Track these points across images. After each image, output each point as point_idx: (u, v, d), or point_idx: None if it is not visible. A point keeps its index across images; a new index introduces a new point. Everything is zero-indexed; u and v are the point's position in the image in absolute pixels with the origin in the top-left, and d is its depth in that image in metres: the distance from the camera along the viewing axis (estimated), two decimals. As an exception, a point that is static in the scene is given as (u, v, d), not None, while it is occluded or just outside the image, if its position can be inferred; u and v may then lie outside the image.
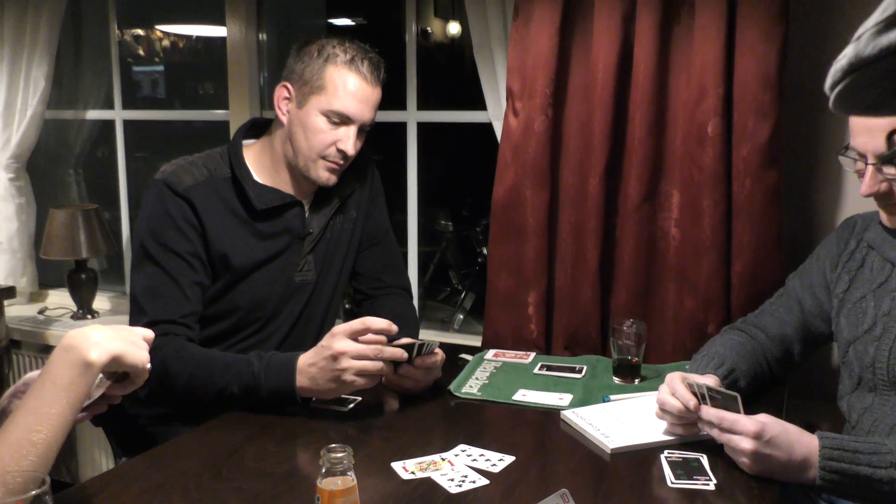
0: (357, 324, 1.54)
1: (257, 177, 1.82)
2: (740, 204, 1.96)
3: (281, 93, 1.80)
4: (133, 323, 1.68)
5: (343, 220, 1.95)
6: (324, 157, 1.77)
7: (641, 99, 2.01)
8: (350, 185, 1.94)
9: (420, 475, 1.34)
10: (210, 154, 1.83)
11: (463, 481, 1.31)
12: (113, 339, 1.12)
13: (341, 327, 1.56)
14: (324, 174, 1.79)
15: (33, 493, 0.90)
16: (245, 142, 1.87)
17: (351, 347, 1.53)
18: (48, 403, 1.06)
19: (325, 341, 1.56)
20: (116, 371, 1.19)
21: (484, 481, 1.31)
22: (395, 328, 1.57)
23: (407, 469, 1.35)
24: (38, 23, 3.04)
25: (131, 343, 1.15)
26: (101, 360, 1.09)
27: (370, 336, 1.55)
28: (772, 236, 1.97)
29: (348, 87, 1.73)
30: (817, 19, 2.02)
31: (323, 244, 1.91)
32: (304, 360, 1.57)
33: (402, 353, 1.59)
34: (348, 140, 1.75)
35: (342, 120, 1.75)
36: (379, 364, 1.54)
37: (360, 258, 2.03)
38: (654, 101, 2.01)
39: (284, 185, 1.84)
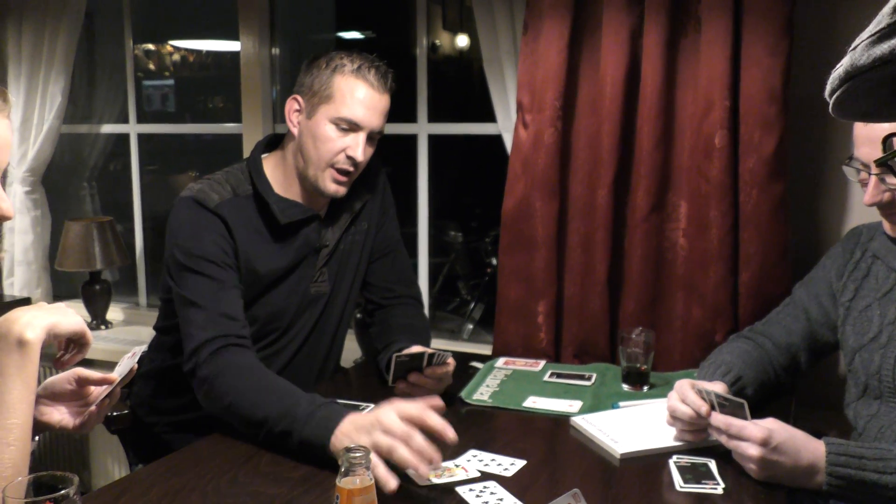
0: (416, 412, 1.38)
1: (276, 190, 1.84)
2: (747, 214, 1.99)
3: (291, 105, 1.83)
4: (191, 322, 1.66)
5: (356, 231, 1.97)
6: (333, 166, 1.79)
7: (649, 112, 2.04)
8: (362, 197, 1.96)
9: (436, 481, 1.36)
10: (230, 171, 1.85)
11: (483, 492, 1.31)
12: (43, 315, 1.14)
13: (398, 407, 1.40)
14: (332, 185, 1.80)
15: (62, 491, 0.93)
16: (263, 155, 1.89)
17: (389, 416, 1.38)
18: (6, 391, 1.09)
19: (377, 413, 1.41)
20: (61, 341, 1.23)
21: (512, 500, 1.29)
22: (450, 434, 1.36)
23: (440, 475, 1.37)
24: (56, 40, 3.10)
25: (61, 314, 1.17)
26: (38, 337, 1.11)
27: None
28: (778, 246, 1.99)
29: (356, 94, 1.76)
30: (821, 33, 2.05)
31: (336, 256, 1.93)
32: (348, 419, 1.43)
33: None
34: (357, 147, 1.77)
35: (350, 127, 1.77)
36: (405, 455, 1.33)
37: (371, 269, 2.05)
38: (661, 113, 2.04)
39: (299, 197, 1.86)
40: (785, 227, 2.00)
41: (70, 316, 1.18)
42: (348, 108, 1.76)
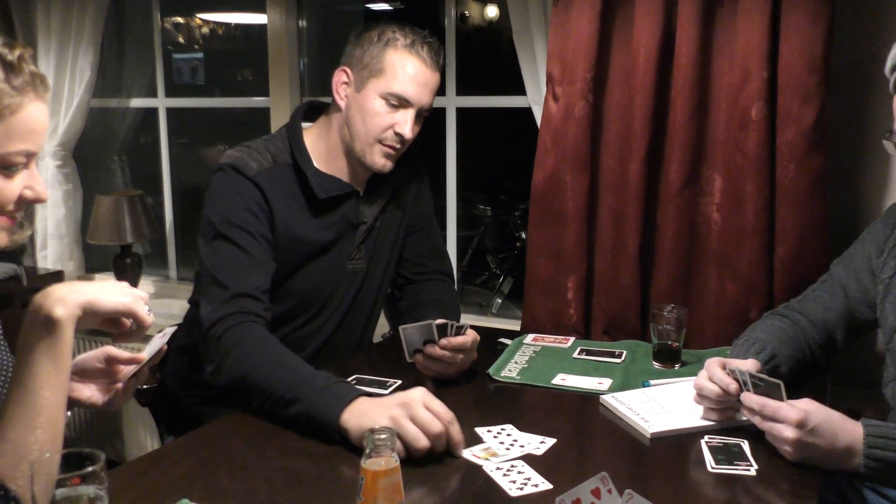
0: (443, 412, 1.36)
1: (316, 164, 1.82)
2: (784, 189, 1.94)
3: (340, 77, 1.80)
4: (211, 299, 1.64)
5: (393, 209, 1.96)
6: (381, 141, 1.76)
7: (683, 83, 1.99)
8: (402, 175, 1.94)
9: (482, 462, 1.34)
10: (271, 139, 1.83)
11: (525, 484, 1.27)
12: (80, 289, 1.07)
13: (428, 397, 1.39)
14: (380, 160, 1.78)
15: (90, 469, 0.93)
16: (303, 124, 1.87)
17: (421, 407, 1.36)
18: (32, 372, 1.04)
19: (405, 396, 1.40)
20: (116, 321, 1.16)
21: (546, 485, 1.26)
22: (460, 452, 1.36)
23: (478, 456, 1.35)
24: (84, 13, 3.10)
25: (103, 290, 1.10)
26: (70, 315, 1.05)
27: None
28: (816, 221, 1.95)
29: (408, 70, 1.73)
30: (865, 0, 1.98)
31: (374, 234, 1.92)
32: (364, 399, 1.42)
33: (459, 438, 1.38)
34: (406, 124, 1.75)
35: (401, 103, 1.74)
36: (423, 441, 1.32)
37: (405, 244, 2.04)
38: (696, 85, 1.99)
39: (341, 172, 1.84)
40: (823, 201, 1.95)
41: (115, 292, 1.11)
42: (399, 84, 1.73)
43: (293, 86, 2.94)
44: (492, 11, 4.84)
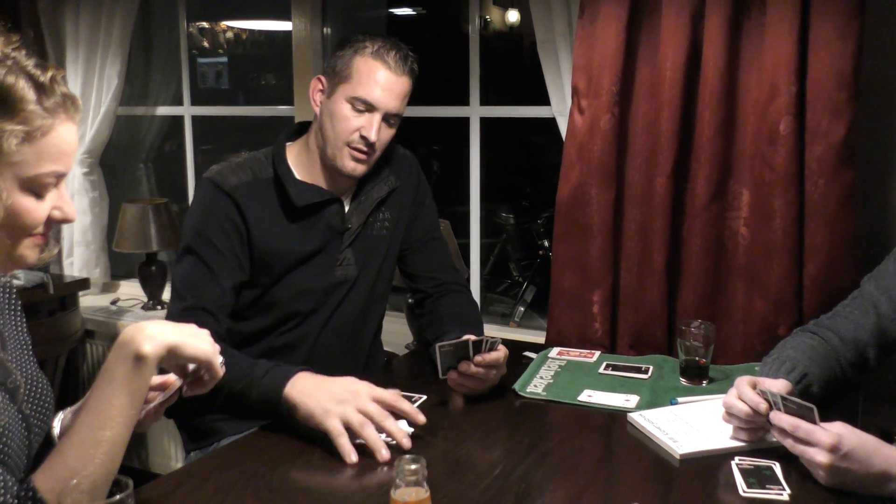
0: (389, 397, 1.49)
1: (298, 175, 1.87)
2: (813, 204, 1.92)
3: (315, 85, 1.87)
4: (171, 309, 1.74)
5: (384, 218, 1.98)
6: (348, 144, 1.81)
7: (710, 97, 1.97)
8: (389, 183, 1.98)
9: None
10: (254, 156, 1.89)
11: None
12: (168, 331, 1.10)
13: (373, 389, 1.51)
14: (349, 163, 1.82)
15: (118, 497, 0.93)
16: (288, 143, 1.93)
17: (368, 398, 1.48)
18: (108, 401, 1.05)
19: (349, 381, 1.53)
20: (184, 367, 1.20)
21: None
22: (421, 418, 1.48)
23: None
24: (113, 22, 3.13)
25: (189, 335, 1.13)
26: (156, 353, 1.07)
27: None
28: (846, 237, 1.92)
29: (372, 74, 1.78)
30: (894, 13, 1.95)
31: (362, 240, 1.94)
32: (308, 374, 1.55)
33: (403, 437, 1.46)
34: (371, 127, 1.79)
35: (367, 107, 1.79)
36: (374, 435, 1.43)
37: (412, 260, 2.06)
38: (723, 99, 1.98)
39: (320, 180, 1.88)
40: (853, 217, 1.92)
41: (199, 341, 1.14)
42: (364, 88, 1.78)
43: (318, 95, 2.94)
44: (513, 16, 4.83)
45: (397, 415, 1.49)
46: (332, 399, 1.47)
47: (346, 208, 1.92)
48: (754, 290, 2.01)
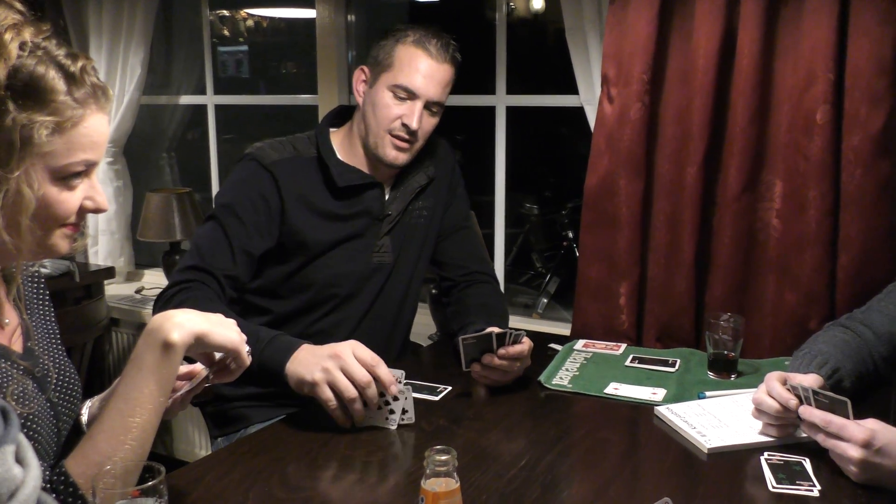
0: (369, 358, 1.47)
1: (340, 157, 1.88)
2: (849, 195, 1.87)
3: (359, 76, 1.88)
4: (179, 264, 1.75)
5: (422, 206, 1.98)
6: (390, 132, 1.81)
7: (745, 85, 1.93)
8: (429, 172, 1.98)
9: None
10: (298, 136, 1.90)
11: None
12: (196, 320, 1.11)
13: (356, 347, 1.50)
14: (391, 152, 1.82)
15: (150, 483, 0.93)
16: (331, 129, 1.93)
17: (351, 357, 1.47)
18: (137, 388, 1.06)
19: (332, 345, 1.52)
20: (211, 355, 1.21)
21: None
22: (393, 390, 1.48)
23: None
24: (135, 12, 3.13)
25: (217, 324, 1.14)
26: (184, 341, 1.08)
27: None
28: (882, 229, 1.88)
29: (414, 62, 1.79)
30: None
31: (401, 228, 1.94)
32: (308, 347, 1.54)
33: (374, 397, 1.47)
34: (413, 115, 1.79)
35: (408, 95, 1.79)
36: (353, 392, 1.44)
37: (443, 247, 2.05)
38: (758, 87, 1.93)
39: (362, 165, 1.89)
40: (890, 208, 1.87)
41: (226, 330, 1.14)
42: (405, 76, 1.79)
43: (341, 83, 2.93)
44: (538, 3, 4.78)
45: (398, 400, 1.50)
46: (318, 366, 1.47)
47: (387, 196, 1.92)
48: (785, 282, 1.98)
